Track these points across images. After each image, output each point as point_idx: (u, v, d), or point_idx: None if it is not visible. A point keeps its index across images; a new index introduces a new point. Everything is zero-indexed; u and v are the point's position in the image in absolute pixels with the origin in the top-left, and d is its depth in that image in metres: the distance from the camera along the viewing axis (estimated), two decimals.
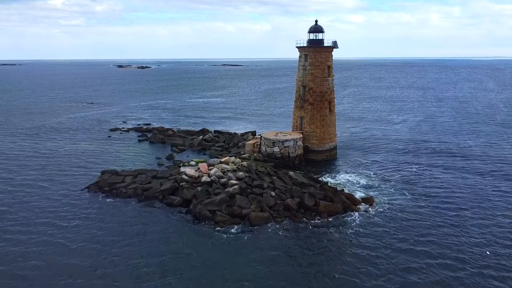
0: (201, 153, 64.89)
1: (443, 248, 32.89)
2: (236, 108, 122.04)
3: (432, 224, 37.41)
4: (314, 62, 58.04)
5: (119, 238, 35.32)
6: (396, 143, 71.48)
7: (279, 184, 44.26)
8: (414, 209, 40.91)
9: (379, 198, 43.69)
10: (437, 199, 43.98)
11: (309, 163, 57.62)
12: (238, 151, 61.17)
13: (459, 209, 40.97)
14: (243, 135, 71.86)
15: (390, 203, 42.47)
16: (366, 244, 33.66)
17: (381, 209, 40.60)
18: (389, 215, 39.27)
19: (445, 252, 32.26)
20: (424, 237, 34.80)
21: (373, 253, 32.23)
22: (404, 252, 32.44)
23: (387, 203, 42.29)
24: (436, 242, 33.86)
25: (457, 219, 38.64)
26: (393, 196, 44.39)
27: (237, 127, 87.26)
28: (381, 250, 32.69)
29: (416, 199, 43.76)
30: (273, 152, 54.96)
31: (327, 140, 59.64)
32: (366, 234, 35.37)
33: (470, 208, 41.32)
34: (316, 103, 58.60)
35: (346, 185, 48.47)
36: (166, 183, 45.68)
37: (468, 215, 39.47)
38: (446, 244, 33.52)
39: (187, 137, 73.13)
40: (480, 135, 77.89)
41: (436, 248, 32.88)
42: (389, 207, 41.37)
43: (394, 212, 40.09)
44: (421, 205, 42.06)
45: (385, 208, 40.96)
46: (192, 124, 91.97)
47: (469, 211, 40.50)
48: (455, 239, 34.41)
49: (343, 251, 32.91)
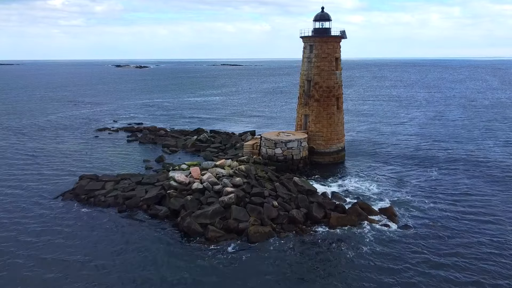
0: (194, 155, 58.84)
1: (485, 273, 26.85)
2: (234, 107, 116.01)
3: (465, 241, 31.31)
4: (320, 53, 51.98)
5: (90, 257, 29.27)
6: (407, 143, 65.44)
7: (282, 192, 38.19)
8: (440, 221, 34.83)
9: (398, 208, 37.60)
10: (465, 208, 37.94)
11: (315, 166, 51.56)
12: (235, 153, 55.11)
13: (493, 221, 34.94)
14: (241, 135, 65.82)
15: (411, 214, 36.38)
16: (389, 267, 27.61)
17: (402, 222, 34.51)
18: (412, 229, 33.16)
19: (491, 279, 26.23)
20: (459, 258, 28.73)
21: (397, 279, 26.20)
22: (437, 278, 26.39)
23: (408, 215, 36.22)
24: (474, 265, 27.81)
25: (494, 233, 32.60)
26: (414, 206, 38.31)
27: (235, 127, 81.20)
28: (406, 275, 26.65)
29: (440, 209, 37.68)
30: (275, 154, 48.89)
31: (334, 141, 53.57)
32: (388, 254, 29.29)
33: (506, 219, 35.30)
34: (322, 100, 52.52)
35: (358, 192, 42.42)
36: (152, 190, 39.63)
37: (508, 228, 33.43)
38: (492, 269, 27.45)
39: (180, 138, 67.08)
40: (496, 134, 71.81)
41: (475, 273, 26.84)
42: (412, 219, 35.28)
43: (418, 225, 34.00)
44: (448, 215, 36.00)
45: (407, 221, 34.88)
46: (187, 124, 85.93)
47: (506, 223, 34.47)
48: (499, 261, 28.35)
49: (359, 275, 26.85)
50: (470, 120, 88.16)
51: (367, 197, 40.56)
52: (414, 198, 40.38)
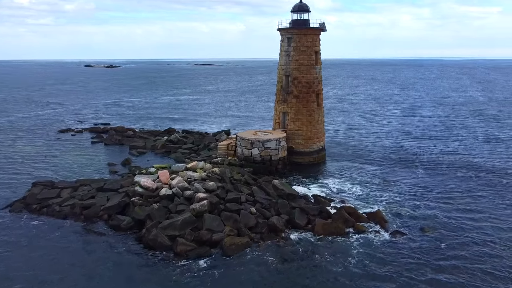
0: (165, 156, 54.44)
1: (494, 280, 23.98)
2: (208, 106, 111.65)
3: (464, 245, 28.45)
4: (299, 46, 48.62)
5: (36, 279, 24.73)
6: (388, 142, 63.07)
7: (260, 197, 34.52)
8: (433, 224, 31.94)
9: (386, 211, 34.56)
10: (457, 208, 35.44)
11: (294, 167, 48.19)
12: (209, 154, 51.12)
13: (486, 219, 32.36)
14: (215, 135, 61.79)
15: (401, 218, 33.37)
16: (382, 281, 24.34)
17: (393, 228, 31.41)
18: (405, 236, 30.08)
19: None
20: (461, 266, 25.78)
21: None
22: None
23: (398, 219, 33.19)
24: (478, 272, 24.91)
25: (491, 232, 29.98)
26: (402, 208, 35.36)
27: (209, 127, 77.08)
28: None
29: (430, 210, 34.86)
30: (252, 155, 45.19)
31: (314, 140, 50.34)
32: (380, 266, 26.02)
33: (500, 216, 32.79)
34: (301, 96, 49.20)
35: (342, 195, 39.23)
36: (114, 197, 35.19)
37: (504, 227, 30.86)
38: (500, 275, 24.63)
39: (149, 138, 62.42)
40: (475, 130, 70.49)
41: (481, 281, 23.93)
42: (402, 224, 32.26)
43: (410, 231, 30.95)
44: (440, 217, 33.21)
45: (398, 226, 31.82)
46: (158, 124, 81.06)
47: (501, 221, 31.94)
48: (504, 264, 25.58)
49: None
50: (448, 117, 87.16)
51: (352, 200, 37.37)
52: (402, 200, 37.52)
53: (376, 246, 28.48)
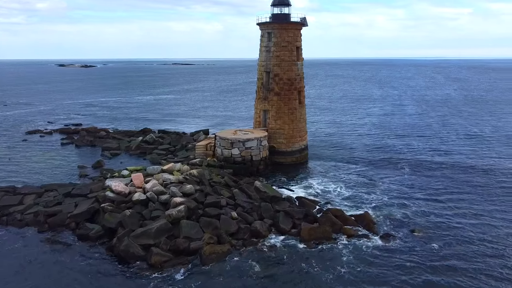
0: (140, 158, 51.62)
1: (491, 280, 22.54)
2: (186, 105, 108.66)
3: (457, 246, 27.01)
4: (280, 41, 46.67)
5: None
6: (370, 140, 61.90)
7: (242, 200, 32.37)
8: (423, 225, 30.47)
9: (374, 213, 32.95)
10: (446, 206, 34.21)
11: (276, 167, 46.23)
12: (186, 155, 48.60)
13: (477, 218, 31.13)
14: (193, 134, 59.22)
15: (390, 220, 31.77)
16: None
17: (382, 231, 29.76)
18: (396, 239, 28.43)
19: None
20: (456, 267, 24.27)
21: None
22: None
23: (387, 221, 31.57)
24: (475, 273, 23.43)
25: (483, 231, 28.71)
26: (390, 209, 33.81)
27: (187, 126, 74.39)
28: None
29: (419, 210, 33.45)
30: (232, 155, 42.96)
31: (297, 139, 48.50)
32: (372, 274, 24.27)
33: (490, 214, 31.62)
34: (283, 93, 47.26)
35: (327, 196, 37.46)
36: (83, 203, 32.38)
37: (496, 224, 29.64)
38: (496, 275, 23.19)
39: (123, 139, 59.34)
40: (455, 128, 70.22)
41: (478, 282, 22.47)
42: (392, 226, 30.66)
43: (401, 233, 29.36)
44: (430, 217, 31.83)
45: (388, 229, 30.19)
46: (133, 124, 77.79)
47: (493, 219, 30.75)
48: (499, 264, 24.18)
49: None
50: (427, 115, 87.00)
51: (338, 202, 35.62)
52: (389, 200, 36.00)
53: (366, 251, 26.72)
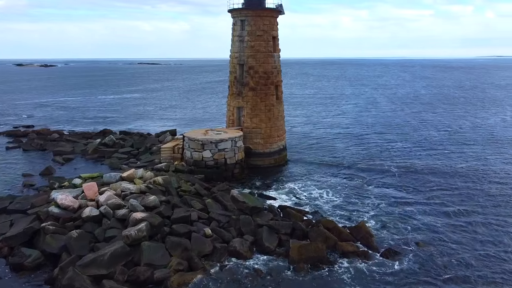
0: (97, 163, 45.39)
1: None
2: (152, 104, 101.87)
3: (470, 257, 22.98)
4: (255, 30, 41.78)
5: None
6: (350, 138, 58.08)
7: (217, 213, 27.24)
8: (427, 235, 26.39)
9: (371, 223, 28.67)
10: (446, 210, 30.28)
11: (253, 171, 41.34)
12: (150, 159, 42.90)
13: (481, 220, 27.46)
14: (158, 135, 53.33)
15: (390, 231, 27.49)
16: None
17: (383, 245, 25.41)
18: (401, 255, 24.06)
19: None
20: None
21: None
22: None
23: (386, 232, 27.28)
24: None
25: (491, 234, 24.94)
26: (387, 218, 29.61)
27: (152, 126, 68.33)
28: None
29: (420, 217, 29.39)
30: (203, 158, 37.69)
31: (275, 138, 43.79)
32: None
33: (493, 214, 27.98)
34: (259, 88, 42.41)
35: (314, 204, 32.92)
36: (20, 222, 26.30)
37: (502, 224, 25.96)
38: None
39: (79, 142, 52.70)
40: (434, 123, 67.71)
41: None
42: (392, 238, 26.38)
43: (404, 247, 25.10)
44: (432, 224, 27.77)
45: (389, 242, 25.89)
46: (92, 125, 70.83)
47: (498, 220, 27.09)
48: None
49: None
50: (402, 111, 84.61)
51: (327, 211, 31.10)
52: (384, 207, 31.85)
53: (369, 273, 22.20)
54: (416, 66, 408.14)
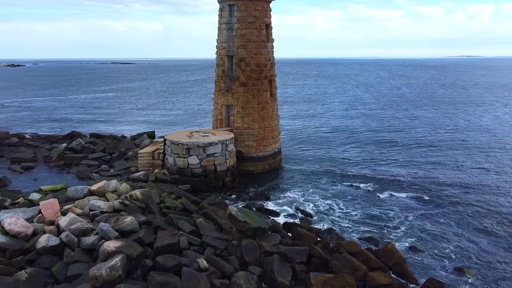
0: (63, 172, 38.96)
1: None
2: (127, 104, 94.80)
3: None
4: (246, 16, 36.38)
5: None
6: (345, 136, 53.64)
7: (212, 237, 21.65)
8: (472, 258, 21.73)
9: (399, 244, 23.72)
10: (490, 233, 25.65)
11: (245, 178, 35.97)
12: (126, 167, 36.84)
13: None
14: (134, 138, 47.02)
15: (423, 254, 22.62)
16: None
17: (422, 273, 20.49)
18: (448, 286, 19.26)
19: None
20: None
21: None
22: None
23: (419, 256, 22.39)
24: None
25: None
26: (418, 236, 24.84)
27: (127, 128, 61.89)
28: None
29: (456, 235, 24.75)
30: (189, 165, 32.00)
31: (269, 141, 38.53)
32: None
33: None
34: (251, 83, 37.05)
35: (324, 218, 27.83)
36: None
37: None
38: None
39: (42, 147, 45.87)
40: (425, 120, 64.14)
41: None
42: (431, 264, 21.51)
43: (450, 275, 20.30)
44: (475, 247, 23.15)
45: (425, 268, 20.99)
46: (58, 127, 63.70)
47: None
48: None
49: None
50: (393, 109, 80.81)
51: (343, 228, 26.00)
52: (406, 221, 27.06)
53: None
54: (391, 65, 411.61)
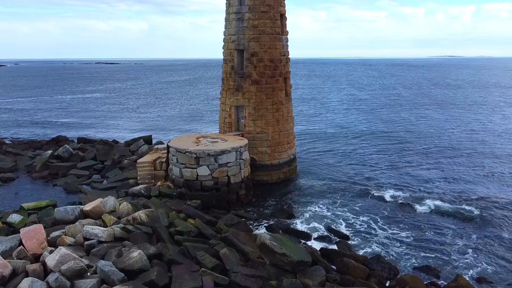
0: (48, 184, 33.81)
1: None
2: (117, 104, 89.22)
3: None
4: (258, 5, 31.91)
5: None
6: (353, 138, 49.88)
7: (242, 275, 17.07)
8: None
9: (468, 275, 19.59)
10: None
11: (258, 190, 31.46)
12: (122, 178, 31.90)
13: None
14: (129, 144, 41.91)
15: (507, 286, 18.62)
16: None
17: None
18: None
19: None
20: None
21: None
22: None
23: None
24: None
25: None
26: (484, 265, 20.79)
27: (119, 131, 56.81)
28: None
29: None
30: (198, 177, 27.34)
31: (284, 146, 34.12)
32: None
33: None
34: (264, 81, 32.60)
35: (365, 241, 23.55)
36: None
37: None
38: None
39: (23, 155, 40.52)
40: (436, 117, 60.70)
41: None
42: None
43: None
44: None
45: None
46: (42, 131, 58.18)
47: None
48: None
49: None
50: (394, 107, 77.32)
51: (393, 256, 21.66)
52: (462, 238, 23.05)
53: None
54: (379, 65, 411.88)
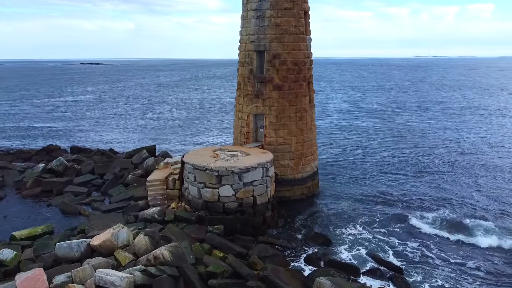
0: (42, 203, 29.72)
1: None
2: (109, 108, 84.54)
3: None
4: (282, 1, 28.40)
5: None
6: (370, 145, 46.65)
7: None
8: None
9: None
10: None
11: (282, 208, 27.94)
12: (127, 196, 27.99)
13: None
14: (131, 155, 37.66)
15: None
16: None
17: None
18: None
19: None
20: None
21: None
22: None
23: None
24: None
25: None
26: None
27: (114, 138, 52.60)
28: None
29: None
30: (220, 198, 23.65)
31: (308, 158, 30.66)
32: None
33: None
34: (287, 86, 29.10)
35: (424, 275, 20.22)
36: None
37: None
38: None
39: (11, 168, 36.14)
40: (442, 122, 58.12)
41: None
42: None
43: None
44: None
45: None
46: (30, 140, 53.50)
47: None
48: None
49: None
50: (397, 111, 74.62)
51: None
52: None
53: None
54: (368, 65, 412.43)
